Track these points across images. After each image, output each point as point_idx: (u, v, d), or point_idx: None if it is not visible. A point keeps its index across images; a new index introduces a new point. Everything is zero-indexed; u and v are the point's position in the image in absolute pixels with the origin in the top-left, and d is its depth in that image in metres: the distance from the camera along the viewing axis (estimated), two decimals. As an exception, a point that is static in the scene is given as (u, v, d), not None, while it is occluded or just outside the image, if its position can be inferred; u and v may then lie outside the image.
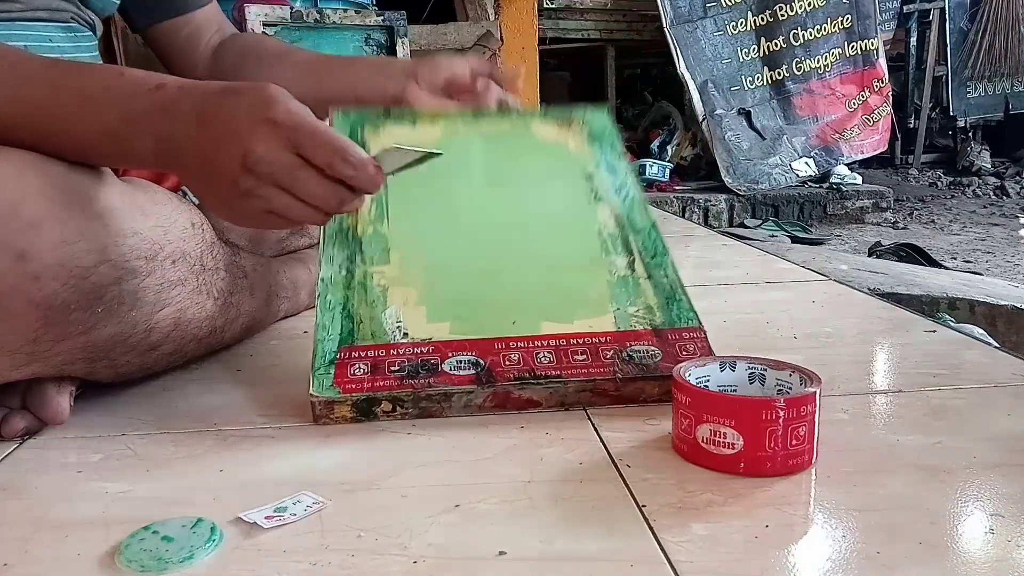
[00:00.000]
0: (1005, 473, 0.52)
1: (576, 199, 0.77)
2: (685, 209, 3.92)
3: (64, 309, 0.55)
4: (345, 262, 0.69)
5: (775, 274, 1.18)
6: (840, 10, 4.38)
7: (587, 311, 0.68)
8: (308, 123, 0.53)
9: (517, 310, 0.67)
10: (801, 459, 0.52)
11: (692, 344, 0.67)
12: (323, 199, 0.54)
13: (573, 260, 0.73)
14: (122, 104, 0.56)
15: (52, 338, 0.56)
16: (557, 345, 0.65)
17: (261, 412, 0.64)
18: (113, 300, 0.58)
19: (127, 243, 0.59)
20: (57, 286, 0.54)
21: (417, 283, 0.68)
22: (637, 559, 0.43)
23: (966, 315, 1.73)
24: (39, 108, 0.56)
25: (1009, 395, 0.66)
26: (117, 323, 0.59)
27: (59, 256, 0.54)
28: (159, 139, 0.55)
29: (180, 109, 0.55)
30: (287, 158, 0.52)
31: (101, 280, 0.57)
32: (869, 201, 4.20)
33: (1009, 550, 0.43)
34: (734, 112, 4.19)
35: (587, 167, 0.80)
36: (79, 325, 0.57)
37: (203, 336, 0.70)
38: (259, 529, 0.46)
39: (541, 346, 0.65)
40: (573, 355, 0.64)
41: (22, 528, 0.47)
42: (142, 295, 0.61)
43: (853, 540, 0.44)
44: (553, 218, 0.76)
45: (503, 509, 0.48)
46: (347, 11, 1.35)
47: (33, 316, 0.54)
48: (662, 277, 0.72)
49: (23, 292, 0.53)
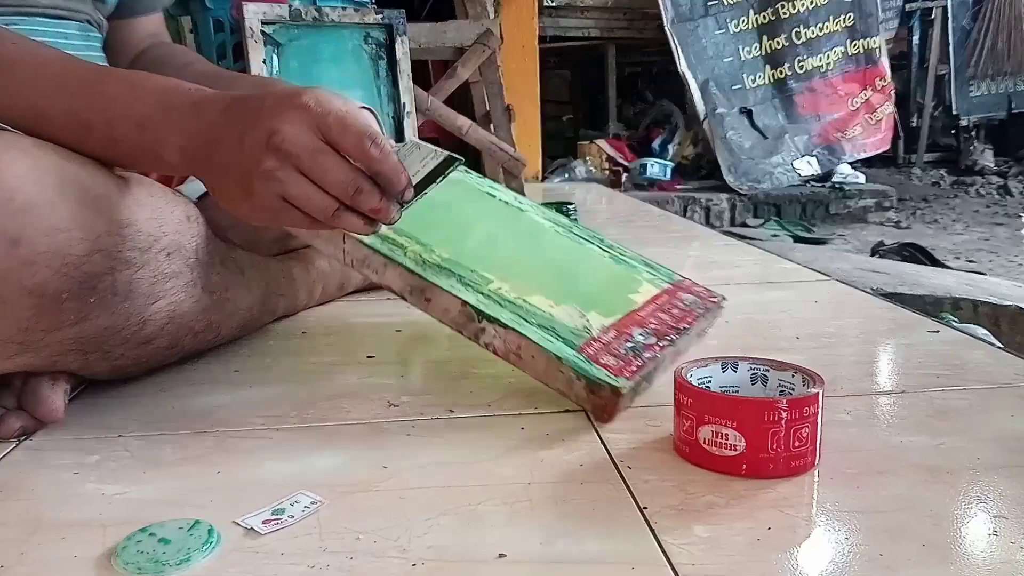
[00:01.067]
0: (1009, 474, 0.51)
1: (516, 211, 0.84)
2: (687, 208, 3.91)
3: (56, 297, 0.55)
4: (467, 287, 0.66)
5: (777, 274, 1.18)
6: (842, 8, 4.37)
7: (634, 286, 0.76)
8: (339, 108, 0.53)
9: (602, 299, 0.71)
10: (803, 460, 0.52)
11: (695, 288, 0.81)
12: (341, 187, 0.53)
13: (570, 254, 0.80)
14: (160, 95, 0.57)
15: (44, 327, 0.56)
16: (655, 310, 0.73)
17: (259, 413, 0.64)
18: (106, 290, 0.58)
19: (121, 233, 0.59)
20: (49, 273, 0.54)
21: (533, 288, 0.69)
22: (638, 561, 0.42)
23: (969, 315, 1.73)
24: (83, 95, 0.58)
25: (1013, 396, 0.65)
26: (110, 314, 0.59)
27: (52, 243, 0.54)
28: (187, 135, 0.55)
29: (211, 106, 0.55)
30: (312, 140, 0.52)
31: (94, 269, 0.57)
32: (872, 200, 4.19)
33: (1013, 552, 0.43)
34: (735, 111, 4.18)
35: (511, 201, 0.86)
36: (71, 315, 0.56)
37: (199, 331, 0.70)
38: (256, 532, 0.46)
39: (651, 312, 0.72)
40: (672, 310, 0.74)
41: (18, 530, 0.47)
42: (136, 286, 0.60)
43: (856, 542, 0.44)
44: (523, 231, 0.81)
45: (503, 511, 0.48)
46: (346, 9, 1.35)
47: (25, 303, 0.54)
48: (629, 255, 0.83)
49: (15, 278, 0.53)
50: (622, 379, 0.60)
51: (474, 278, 0.68)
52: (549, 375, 0.62)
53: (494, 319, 0.64)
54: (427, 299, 0.67)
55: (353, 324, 0.91)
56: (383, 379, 0.72)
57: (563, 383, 0.61)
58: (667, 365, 0.67)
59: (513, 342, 0.63)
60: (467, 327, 0.65)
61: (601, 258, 0.81)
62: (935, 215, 4.29)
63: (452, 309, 0.65)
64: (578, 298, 0.69)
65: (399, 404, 0.66)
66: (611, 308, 0.70)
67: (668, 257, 1.37)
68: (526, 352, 0.62)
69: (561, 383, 0.62)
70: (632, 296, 0.74)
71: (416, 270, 0.67)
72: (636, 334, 0.67)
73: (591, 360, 0.61)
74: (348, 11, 1.35)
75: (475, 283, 0.67)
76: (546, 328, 0.64)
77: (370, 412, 0.64)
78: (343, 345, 0.83)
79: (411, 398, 0.67)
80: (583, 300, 0.69)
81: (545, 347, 0.62)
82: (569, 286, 0.72)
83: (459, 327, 0.66)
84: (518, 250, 0.77)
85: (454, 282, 0.66)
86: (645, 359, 0.64)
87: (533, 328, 0.63)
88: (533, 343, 0.62)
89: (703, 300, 0.79)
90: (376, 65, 1.40)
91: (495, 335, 0.64)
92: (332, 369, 0.76)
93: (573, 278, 0.75)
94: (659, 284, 0.79)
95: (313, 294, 0.95)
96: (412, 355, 0.82)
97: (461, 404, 0.65)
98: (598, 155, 4.26)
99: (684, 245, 1.46)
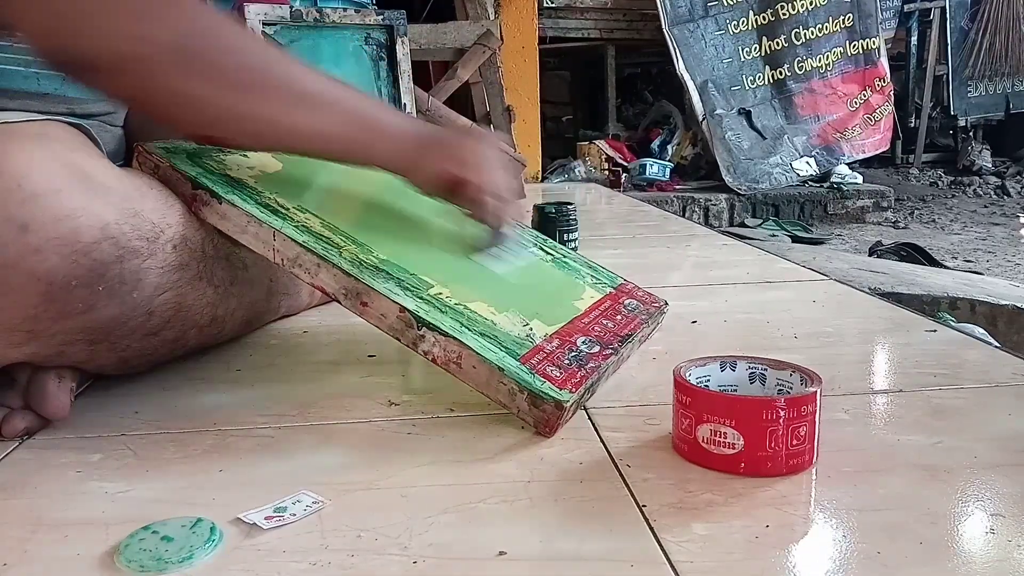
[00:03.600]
0: (1006, 473, 0.52)
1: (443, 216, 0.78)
2: (685, 208, 3.92)
3: (65, 285, 0.55)
4: (406, 291, 0.64)
5: (776, 274, 1.18)
6: (842, 9, 4.38)
7: (577, 292, 0.77)
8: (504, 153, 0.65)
9: (545, 306, 0.71)
10: (801, 459, 0.52)
11: (637, 292, 0.82)
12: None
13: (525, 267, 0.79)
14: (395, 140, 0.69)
15: (52, 315, 0.56)
16: (599, 314, 0.73)
17: (261, 412, 0.64)
18: (115, 279, 0.58)
19: (129, 222, 0.59)
20: (58, 260, 0.54)
21: (475, 294, 0.67)
22: (637, 559, 0.43)
23: (967, 315, 1.73)
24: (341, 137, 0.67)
25: (1010, 395, 0.66)
26: (118, 304, 0.59)
27: (61, 230, 0.54)
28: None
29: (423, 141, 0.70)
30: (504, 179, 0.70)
31: (103, 257, 0.57)
32: (870, 200, 4.20)
33: (1010, 550, 0.43)
34: (734, 112, 4.19)
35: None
36: (80, 303, 0.57)
37: (204, 324, 0.71)
38: (259, 529, 0.46)
39: (594, 319, 0.72)
40: (615, 316, 0.74)
41: (21, 528, 0.47)
42: (144, 276, 0.61)
43: (853, 540, 0.44)
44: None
45: (503, 509, 0.48)
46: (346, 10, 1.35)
47: (34, 290, 0.54)
48: (571, 258, 0.84)
49: (25, 265, 0.53)
50: (565, 392, 0.58)
51: (413, 282, 0.65)
52: (490, 387, 0.59)
53: (434, 326, 0.60)
54: (363, 303, 0.63)
55: (354, 324, 0.90)
56: (384, 378, 0.72)
57: (505, 395, 0.59)
58: (610, 373, 0.67)
59: (454, 351, 0.60)
60: (405, 334, 0.62)
61: (543, 263, 0.81)
62: (933, 215, 4.30)
63: (389, 315, 0.62)
64: (520, 305, 0.68)
65: (400, 403, 0.66)
66: (554, 316, 0.69)
67: (667, 257, 1.37)
68: (467, 362, 0.60)
69: (503, 395, 0.59)
70: (576, 303, 0.73)
71: (352, 271, 0.63)
72: (580, 342, 0.66)
73: (534, 371, 0.59)
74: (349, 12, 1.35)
75: (414, 287, 0.64)
76: (488, 337, 0.61)
77: (371, 411, 0.64)
78: (344, 344, 0.83)
79: (412, 397, 0.67)
80: (525, 307, 0.68)
81: (487, 357, 0.59)
82: (511, 292, 0.70)
83: (397, 334, 0.62)
84: (459, 254, 0.74)
85: (392, 285, 0.63)
86: (588, 369, 0.62)
87: (475, 337, 0.61)
88: (475, 353, 0.59)
89: (646, 305, 0.80)
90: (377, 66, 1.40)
91: (435, 343, 0.60)
92: (333, 368, 0.76)
93: (515, 284, 0.73)
94: (602, 289, 0.79)
95: (315, 294, 0.95)
96: (413, 354, 0.82)
97: (461, 403, 0.65)
98: (597, 155, 4.26)
99: (683, 245, 1.47)
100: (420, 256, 0.70)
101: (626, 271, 0.86)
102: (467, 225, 0.73)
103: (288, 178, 0.74)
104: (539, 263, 0.81)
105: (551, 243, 0.85)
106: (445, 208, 0.73)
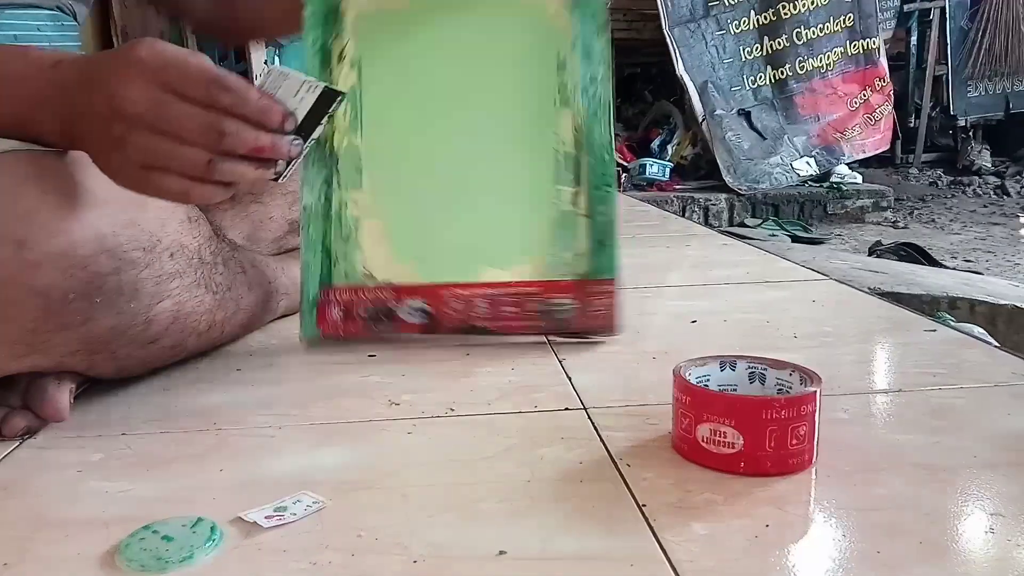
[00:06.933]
0: (1005, 472, 0.52)
1: (542, 101, 0.75)
2: (685, 208, 3.92)
3: (63, 298, 0.55)
4: (323, 187, 0.69)
5: (775, 273, 1.18)
6: (842, 9, 4.38)
7: (524, 255, 0.73)
8: (177, 57, 0.51)
9: (465, 252, 0.70)
10: (801, 458, 0.52)
11: (602, 298, 0.74)
12: (200, 133, 0.51)
13: (523, 189, 0.75)
14: (25, 86, 0.55)
15: (52, 328, 0.56)
16: (492, 295, 0.71)
17: (260, 412, 0.64)
18: (112, 290, 0.58)
19: (125, 233, 0.59)
20: (56, 275, 0.54)
21: (385, 213, 0.69)
22: (637, 558, 0.43)
23: (966, 314, 1.73)
24: None
25: (1009, 394, 0.66)
26: (116, 314, 0.59)
27: (57, 244, 0.54)
28: (61, 119, 0.55)
29: (71, 82, 0.54)
30: (154, 93, 0.50)
31: (100, 269, 0.57)
32: (869, 200, 4.20)
33: (1009, 549, 0.43)
34: (734, 112, 4.19)
35: (562, 49, 0.76)
36: (78, 315, 0.57)
37: (202, 330, 0.70)
38: (259, 529, 0.46)
39: (478, 295, 0.70)
40: (503, 307, 0.71)
41: (22, 528, 0.47)
42: (141, 286, 0.61)
43: (853, 540, 0.44)
44: (516, 129, 0.75)
45: (503, 508, 0.48)
46: None
47: (33, 305, 0.54)
48: (600, 215, 0.75)
49: (23, 280, 0.53)
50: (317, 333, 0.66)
51: (346, 178, 0.68)
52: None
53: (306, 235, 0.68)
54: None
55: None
56: (384, 378, 0.72)
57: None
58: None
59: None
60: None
61: (531, 212, 0.74)
62: (932, 215, 4.30)
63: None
64: (423, 247, 0.68)
65: (400, 403, 0.66)
66: (439, 269, 0.68)
67: (667, 256, 1.37)
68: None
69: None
70: (492, 268, 0.70)
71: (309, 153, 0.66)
72: (410, 304, 0.66)
73: (319, 306, 0.64)
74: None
75: (339, 185, 0.69)
76: (329, 257, 0.67)
77: (371, 411, 0.64)
78: (344, 344, 0.83)
79: (412, 397, 0.67)
80: (426, 251, 0.68)
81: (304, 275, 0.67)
82: (451, 225, 0.70)
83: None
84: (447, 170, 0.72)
85: (323, 178, 0.68)
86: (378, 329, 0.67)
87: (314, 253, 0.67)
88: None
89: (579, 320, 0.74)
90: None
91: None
92: (333, 368, 0.76)
93: (461, 219, 0.71)
94: (547, 274, 0.72)
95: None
96: (413, 354, 0.83)
97: (461, 403, 0.65)
98: (597, 155, 4.25)
99: (682, 245, 1.47)
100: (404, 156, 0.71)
101: (626, 271, 0.86)
102: None
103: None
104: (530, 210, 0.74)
105: (601, 193, 0.75)
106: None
